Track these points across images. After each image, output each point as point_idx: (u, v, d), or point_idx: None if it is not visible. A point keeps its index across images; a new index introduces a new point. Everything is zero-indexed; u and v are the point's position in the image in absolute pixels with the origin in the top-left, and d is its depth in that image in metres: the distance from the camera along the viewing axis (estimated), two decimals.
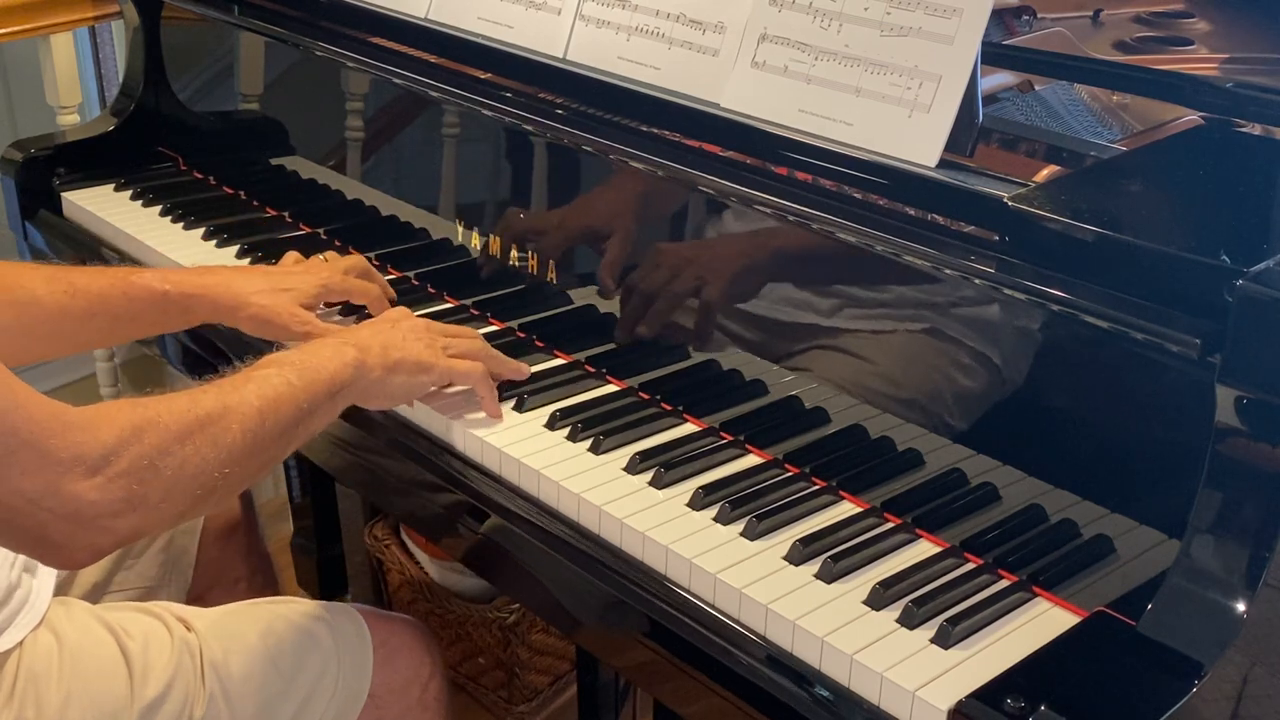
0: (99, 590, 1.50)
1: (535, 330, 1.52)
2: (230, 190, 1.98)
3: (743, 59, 1.31)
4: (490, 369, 1.36)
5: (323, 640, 1.35)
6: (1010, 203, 1.09)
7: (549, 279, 1.50)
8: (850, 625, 1.05)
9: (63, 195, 1.96)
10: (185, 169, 2.06)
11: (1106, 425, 1.09)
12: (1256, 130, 1.25)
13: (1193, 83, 1.32)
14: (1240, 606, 0.94)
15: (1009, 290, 1.10)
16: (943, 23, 1.18)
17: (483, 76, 1.54)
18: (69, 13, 2.21)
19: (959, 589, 1.09)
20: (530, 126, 1.48)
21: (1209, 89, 1.31)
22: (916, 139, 1.18)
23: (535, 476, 1.26)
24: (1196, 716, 0.93)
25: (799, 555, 1.13)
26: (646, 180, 1.38)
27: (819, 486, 1.24)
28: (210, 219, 1.84)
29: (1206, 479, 0.96)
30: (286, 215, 1.88)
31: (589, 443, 1.30)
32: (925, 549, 1.16)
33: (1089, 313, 1.05)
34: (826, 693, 1.03)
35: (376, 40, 1.67)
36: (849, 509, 1.21)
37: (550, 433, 1.33)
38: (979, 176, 1.16)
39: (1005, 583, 1.11)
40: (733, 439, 1.31)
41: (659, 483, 1.24)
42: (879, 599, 1.08)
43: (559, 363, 1.47)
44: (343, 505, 2.25)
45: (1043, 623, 1.07)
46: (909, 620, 1.05)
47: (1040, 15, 1.44)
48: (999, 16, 1.43)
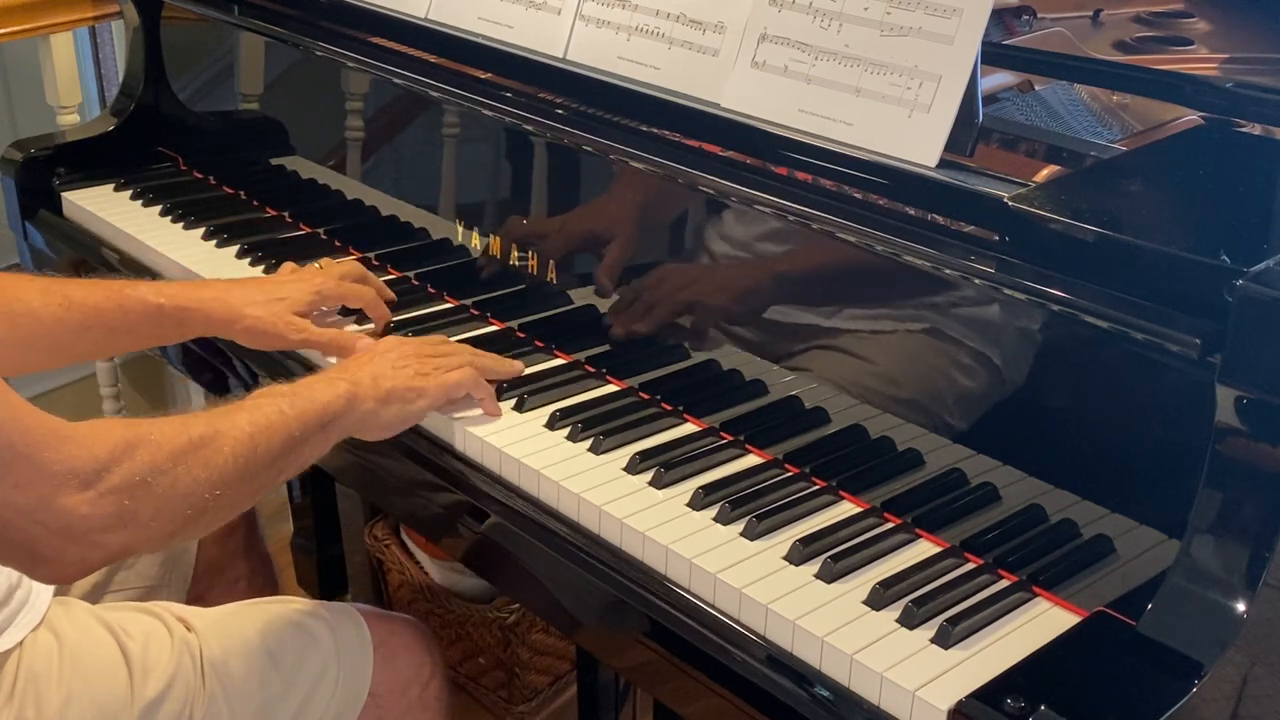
0: (99, 590, 1.50)
1: (535, 330, 1.52)
2: (230, 190, 1.98)
3: (743, 59, 1.31)
4: (485, 374, 1.36)
5: (323, 640, 1.35)
6: (1010, 203, 1.09)
7: (549, 279, 1.50)
8: (850, 625, 1.05)
9: (63, 195, 1.96)
10: (185, 169, 2.06)
11: (1107, 425, 1.09)
12: (1256, 130, 1.25)
13: (1193, 83, 1.32)
14: (1240, 606, 0.94)
15: (1009, 290, 1.10)
16: (943, 23, 1.18)
17: (483, 76, 1.54)
18: (69, 13, 2.21)
19: (959, 589, 1.09)
20: (530, 126, 1.48)
21: (1209, 89, 1.31)
22: (916, 139, 1.18)
23: (535, 476, 1.26)
24: (1196, 716, 0.93)
25: (799, 555, 1.13)
26: (646, 180, 1.38)
27: (819, 486, 1.24)
28: (210, 219, 1.84)
29: (1206, 479, 0.96)
30: (286, 215, 1.88)
31: (589, 443, 1.30)
32: (925, 549, 1.16)
33: (1089, 313, 1.05)
34: (826, 693, 1.03)
35: (376, 40, 1.67)
36: (849, 509, 1.21)
37: (550, 433, 1.33)
38: (979, 176, 1.16)
39: (1005, 583, 1.11)
40: (733, 439, 1.31)
41: (659, 483, 1.24)
42: (879, 599, 1.08)
43: (559, 363, 1.47)
44: (343, 505, 2.25)
45: (1043, 623, 1.07)
46: (909, 620, 1.05)
47: (1040, 15, 1.44)
48: (999, 16, 1.43)
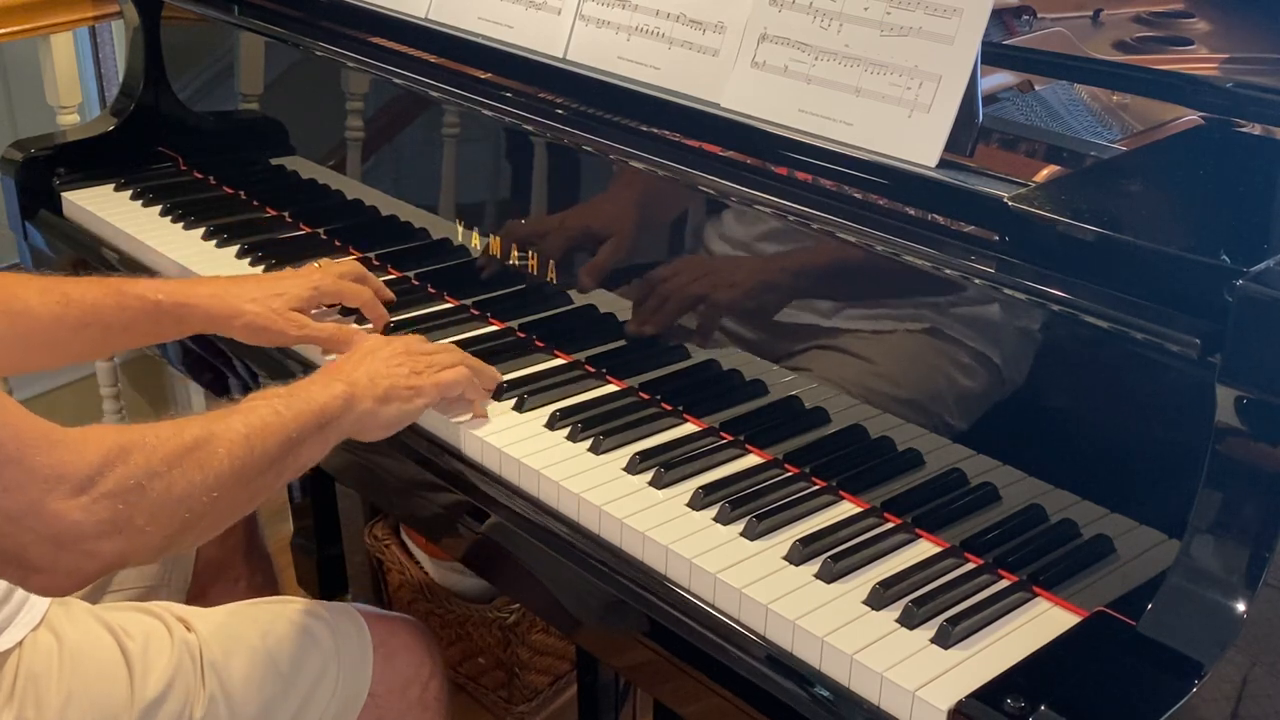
0: (99, 590, 1.50)
1: (535, 330, 1.52)
2: (230, 190, 1.98)
3: (743, 59, 1.31)
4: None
5: (323, 640, 1.35)
6: (1010, 203, 1.09)
7: (549, 279, 1.50)
8: (850, 625, 1.05)
9: (63, 195, 1.96)
10: (185, 169, 2.06)
11: (1107, 425, 1.09)
12: (1256, 130, 1.25)
13: (1193, 83, 1.32)
14: (1240, 606, 0.94)
15: (1009, 290, 1.10)
16: (943, 23, 1.18)
17: (483, 76, 1.54)
18: (69, 13, 2.21)
19: (959, 589, 1.09)
20: (530, 126, 1.48)
21: (1209, 89, 1.30)
22: (916, 139, 1.18)
23: (535, 476, 1.26)
24: (1196, 716, 0.93)
25: (799, 555, 1.13)
26: (646, 180, 1.38)
27: (819, 486, 1.24)
28: (210, 219, 1.84)
29: (1206, 479, 0.96)
30: (286, 215, 1.88)
31: (589, 443, 1.30)
32: (925, 549, 1.16)
33: (1089, 313, 1.05)
34: (826, 693, 1.03)
35: (376, 40, 1.67)
36: (849, 509, 1.21)
37: (550, 433, 1.33)
38: (979, 176, 1.16)
39: (1005, 583, 1.11)
40: (733, 439, 1.31)
41: (659, 483, 1.24)
42: (879, 599, 1.08)
43: (559, 363, 1.47)
44: (343, 505, 2.26)
45: (1043, 623, 1.07)
46: (909, 620, 1.05)
47: (1040, 15, 1.44)
48: (999, 16, 1.43)
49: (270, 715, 1.31)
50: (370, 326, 1.54)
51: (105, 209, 1.90)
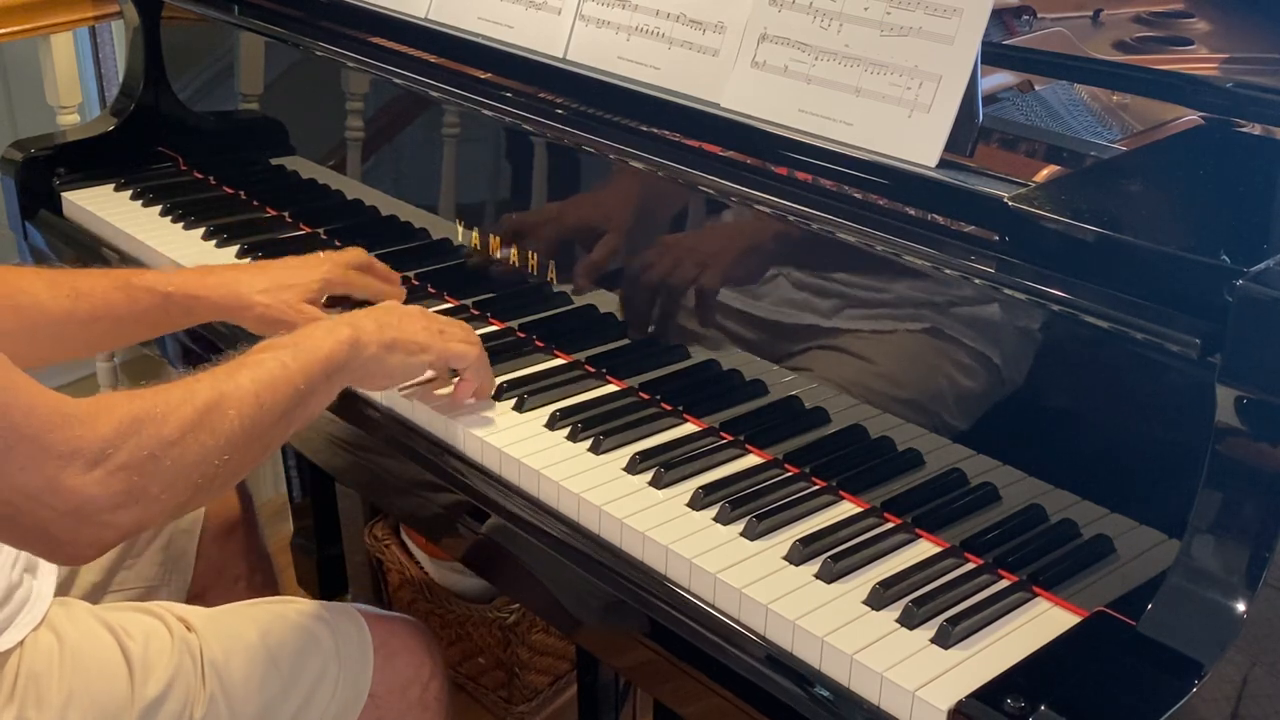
0: (99, 590, 1.50)
1: (535, 330, 1.52)
2: (230, 190, 1.98)
3: (743, 59, 1.31)
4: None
5: (323, 640, 1.35)
6: (1010, 203, 1.09)
7: (549, 279, 1.50)
8: (850, 625, 1.05)
9: (63, 195, 1.96)
10: (185, 169, 2.06)
11: (1106, 425, 1.09)
12: (1256, 130, 1.25)
13: (1193, 83, 1.32)
14: (1240, 606, 0.94)
15: (1009, 290, 1.10)
16: (943, 23, 1.18)
17: (483, 76, 1.54)
18: (69, 13, 2.21)
19: (959, 589, 1.09)
20: (530, 126, 1.48)
21: (1209, 89, 1.30)
22: (916, 139, 1.18)
23: (535, 476, 1.26)
24: (1196, 716, 0.93)
25: (799, 555, 1.13)
26: (646, 180, 1.38)
27: (819, 486, 1.24)
28: (210, 219, 1.84)
29: (1206, 479, 0.96)
30: (286, 215, 1.88)
31: (589, 443, 1.30)
32: (925, 549, 1.16)
33: (1089, 313, 1.05)
34: (826, 693, 1.03)
35: (376, 40, 1.67)
36: (849, 509, 1.21)
37: (550, 433, 1.33)
38: (979, 176, 1.16)
39: (1005, 583, 1.11)
40: (733, 439, 1.31)
41: (659, 483, 1.24)
42: (879, 599, 1.08)
43: (559, 363, 1.47)
44: (343, 505, 2.25)
45: (1043, 623, 1.07)
46: (909, 620, 1.05)
47: (1040, 15, 1.44)
48: (999, 16, 1.43)
49: (270, 715, 1.31)
50: None
51: (105, 209, 1.90)
